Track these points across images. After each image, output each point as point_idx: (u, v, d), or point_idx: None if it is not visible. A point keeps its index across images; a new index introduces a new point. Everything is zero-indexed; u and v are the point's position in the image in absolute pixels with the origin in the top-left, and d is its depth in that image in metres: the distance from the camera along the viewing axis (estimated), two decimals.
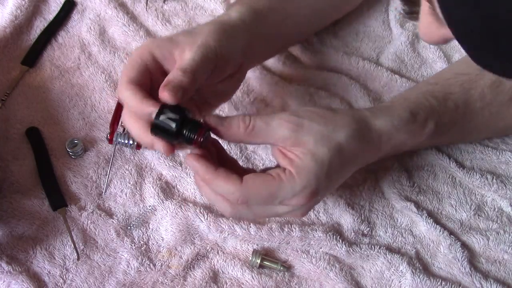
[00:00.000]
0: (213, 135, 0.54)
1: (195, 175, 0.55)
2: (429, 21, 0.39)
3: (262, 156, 0.71)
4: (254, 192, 0.53)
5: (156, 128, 0.51)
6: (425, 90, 0.66)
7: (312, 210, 0.68)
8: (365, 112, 0.60)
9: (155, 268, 0.63)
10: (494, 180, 0.70)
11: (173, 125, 0.50)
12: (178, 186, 0.69)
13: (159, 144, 0.52)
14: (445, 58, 0.80)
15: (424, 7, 0.40)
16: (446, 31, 0.36)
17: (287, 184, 0.53)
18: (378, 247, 0.65)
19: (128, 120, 0.54)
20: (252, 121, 0.53)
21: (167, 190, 0.68)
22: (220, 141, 0.57)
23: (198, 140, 0.51)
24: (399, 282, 0.64)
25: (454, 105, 0.65)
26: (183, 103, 0.51)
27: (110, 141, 0.69)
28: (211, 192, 0.55)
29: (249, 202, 0.53)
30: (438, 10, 0.36)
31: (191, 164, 0.53)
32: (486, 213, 0.69)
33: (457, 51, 0.81)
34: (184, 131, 0.51)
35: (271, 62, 0.78)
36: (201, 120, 0.53)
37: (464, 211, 0.69)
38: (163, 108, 0.51)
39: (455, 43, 0.40)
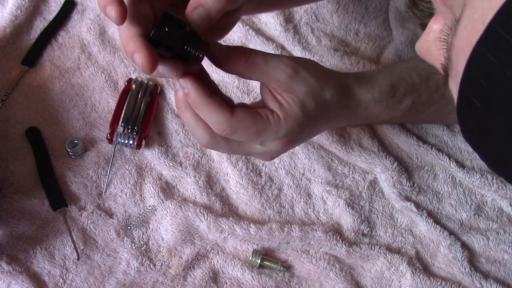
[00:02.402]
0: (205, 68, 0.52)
1: (180, 97, 0.52)
2: (431, 52, 0.38)
3: None
4: (243, 127, 0.52)
5: (158, 36, 0.45)
6: (411, 66, 0.68)
7: (312, 209, 0.68)
8: (351, 80, 0.63)
9: (155, 268, 0.63)
10: (494, 180, 0.70)
11: (180, 34, 0.46)
12: (178, 186, 0.69)
13: (142, 53, 0.45)
14: None
15: (430, 31, 0.38)
16: (450, 83, 0.36)
17: (273, 127, 0.53)
18: (378, 247, 0.65)
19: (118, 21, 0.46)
20: (253, 55, 0.52)
21: (167, 190, 0.68)
22: None
23: (199, 56, 0.47)
24: (399, 282, 0.64)
25: (436, 86, 0.67)
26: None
27: (110, 141, 0.69)
28: (193, 118, 0.52)
29: (234, 136, 0.52)
30: (453, 86, 0.35)
31: (185, 84, 0.49)
32: (486, 213, 0.69)
33: None
34: (186, 45, 0.47)
35: None
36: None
37: (464, 211, 0.69)
38: (167, 16, 0.46)
39: None
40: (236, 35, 0.78)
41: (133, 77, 0.74)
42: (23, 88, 0.74)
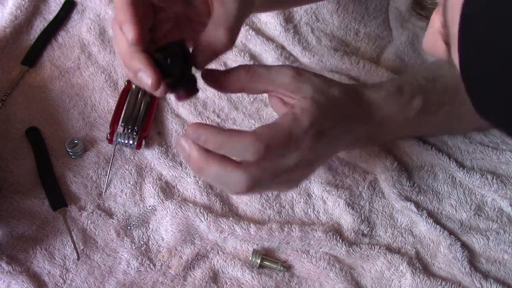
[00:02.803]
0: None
1: (196, 156, 0.49)
2: (437, 44, 0.39)
3: None
4: (271, 136, 0.50)
5: (159, 61, 0.48)
6: (416, 71, 0.69)
7: (312, 209, 0.68)
8: (354, 84, 0.64)
9: (155, 268, 0.63)
10: (494, 180, 0.70)
11: (179, 70, 0.48)
12: (178, 186, 0.69)
13: (150, 73, 0.47)
14: None
15: (434, 24, 0.39)
16: (452, 55, 0.36)
17: (295, 123, 0.52)
18: (378, 247, 0.65)
19: (119, 35, 0.49)
20: (253, 67, 0.54)
21: (167, 190, 0.68)
22: None
23: (181, 96, 0.50)
24: (399, 282, 0.64)
25: (444, 87, 0.66)
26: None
27: (110, 141, 0.69)
28: (221, 166, 0.49)
29: (270, 151, 0.50)
30: (455, 55, 0.35)
31: (197, 133, 0.49)
32: (486, 213, 0.69)
33: None
34: (179, 84, 0.49)
35: (270, 62, 0.78)
36: (198, 73, 0.51)
37: (464, 211, 0.69)
38: (177, 47, 0.48)
39: None
40: None
41: None
42: (23, 88, 0.74)
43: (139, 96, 0.72)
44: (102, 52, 0.77)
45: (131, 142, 0.69)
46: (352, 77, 0.77)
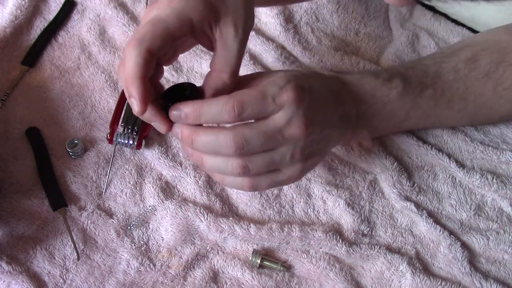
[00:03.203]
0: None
1: (184, 132, 0.53)
2: None
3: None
4: (245, 95, 0.51)
5: (167, 109, 0.53)
6: (396, 63, 0.71)
7: (312, 209, 0.68)
8: None
9: (155, 268, 0.63)
10: (494, 180, 0.70)
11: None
12: (178, 186, 0.69)
13: (162, 124, 0.53)
14: None
15: None
16: None
17: (269, 83, 0.53)
18: (378, 247, 0.65)
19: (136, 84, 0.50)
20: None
21: (167, 190, 0.68)
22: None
23: None
24: (399, 282, 0.64)
25: (424, 72, 0.67)
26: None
27: (110, 141, 0.69)
28: (208, 134, 0.52)
29: (247, 107, 0.51)
30: None
31: (178, 111, 0.52)
32: (486, 213, 0.69)
33: None
34: None
35: (271, 62, 0.78)
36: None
37: (464, 211, 0.69)
38: (180, 96, 0.53)
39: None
40: None
41: None
42: (23, 88, 0.74)
43: None
44: (102, 52, 0.77)
45: (131, 142, 0.69)
46: None
